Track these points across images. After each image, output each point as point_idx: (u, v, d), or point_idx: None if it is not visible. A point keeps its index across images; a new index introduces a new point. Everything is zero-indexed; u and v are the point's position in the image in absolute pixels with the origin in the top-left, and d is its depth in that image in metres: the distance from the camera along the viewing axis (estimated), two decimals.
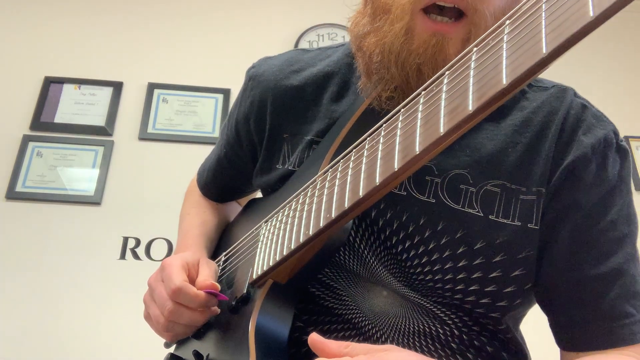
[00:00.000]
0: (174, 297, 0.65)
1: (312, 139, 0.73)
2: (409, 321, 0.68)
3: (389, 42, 0.61)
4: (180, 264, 0.69)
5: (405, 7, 0.59)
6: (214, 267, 0.73)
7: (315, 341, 0.48)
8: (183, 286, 0.65)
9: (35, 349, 1.85)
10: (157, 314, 0.69)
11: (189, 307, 0.66)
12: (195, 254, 0.74)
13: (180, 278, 0.66)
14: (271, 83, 0.78)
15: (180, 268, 0.68)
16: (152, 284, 0.70)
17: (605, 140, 0.66)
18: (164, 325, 0.68)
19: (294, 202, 0.66)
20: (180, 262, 0.69)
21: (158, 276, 0.70)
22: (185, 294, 0.65)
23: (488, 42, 0.44)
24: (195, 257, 0.73)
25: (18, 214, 2.07)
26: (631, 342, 0.61)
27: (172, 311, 0.66)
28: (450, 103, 0.46)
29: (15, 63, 2.37)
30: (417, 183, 0.66)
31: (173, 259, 0.70)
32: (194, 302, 0.66)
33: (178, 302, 0.66)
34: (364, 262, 0.68)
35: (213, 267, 0.73)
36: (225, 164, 0.90)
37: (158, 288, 0.68)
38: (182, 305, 0.66)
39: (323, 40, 2.55)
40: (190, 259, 0.72)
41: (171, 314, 0.66)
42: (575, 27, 0.36)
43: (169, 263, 0.69)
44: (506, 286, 0.65)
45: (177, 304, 0.66)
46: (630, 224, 0.65)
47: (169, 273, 0.67)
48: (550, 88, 0.70)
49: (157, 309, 0.68)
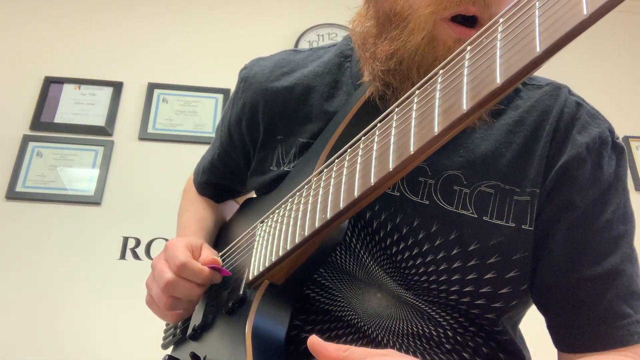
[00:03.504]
0: (178, 272, 0.66)
1: (306, 140, 0.73)
2: (403, 323, 0.68)
3: (410, 50, 0.60)
4: (184, 243, 0.70)
5: (427, 17, 0.58)
6: (215, 252, 0.74)
7: (314, 344, 0.48)
8: (188, 261, 0.66)
9: (35, 348, 1.86)
10: (158, 293, 0.69)
11: (194, 281, 0.67)
12: (197, 239, 0.75)
13: (184, 254, 0.67)
14: (262, 85, 0.78)
15: (184, 247, 0.69)
16: (155, 263, 0.71)
17: (600, 138, 0.65)
18: (165, 304, 0.68)
19: (289, 203, 0.65)
20: (184, 242, 0.70)
21: (161, 256, 0.71)
22: (189, 269, 0.66)
23: (482, 41, 0.44)
24: (198, 241, 0.74)
25: (18, 214, 2.08)
26: (629, 343, 0.60)
27: (170, 282, 0.66)
28: (444, 102, 0.45)
29: (15, 63, 2.37)
30: (410, 184, 0.65)
31: (176, 240, 0.71)
32: (199, 276, 0.67)
33: (182, 277, 0.66)
34: (360, 263, 0.67)
35: (214, 252, 0.74)
36: (219, 165, 0.90)
37: (159, 265, 0.69)
38: (182, 278, 0.67)
39: (323, 40, 2.55)
40: (193, 242, 0.72)
41: (168, 285, 0.66)
42: (569, 25, 0.35)
43: (172, 243, 0.70)
44: (501, 287, 0.64)
45: (179, 277, 0.66)
46: (627, 223, 0.65)
47: (172, 251, 0.68)
48: (544, 86, 0.70)
49: (158, 288, 0.68)
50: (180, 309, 0.70)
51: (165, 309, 0.69)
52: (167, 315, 0.72)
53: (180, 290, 0.67)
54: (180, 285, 0.67)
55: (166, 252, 0.69)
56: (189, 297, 0.68)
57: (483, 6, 0.57)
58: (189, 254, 0.68)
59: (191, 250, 0.70)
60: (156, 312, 0.74)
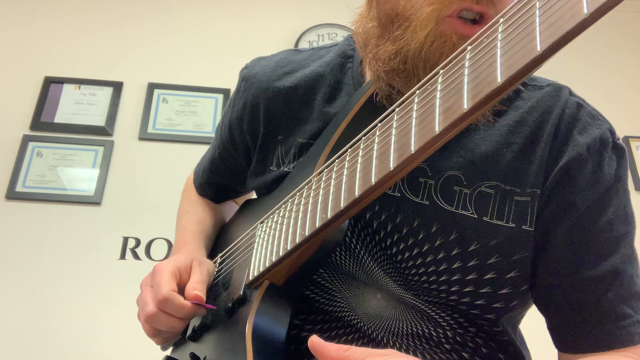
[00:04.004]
0: (160, 306, 0.65)
1: (306, 140, 0.73)
2: (403, 323, 0.68)
3: (414, 48, 0.60)
4: (170, 270, 0.68)
5: (429, 15, 0.58)
6: (206, 269, 0.72)
7: (315, 344, 0.48)
8: (170, 296, 0.65)
9: (35, 348, 1.85)
10: (142, 320, 0.69)
11: (177, 316, 0.66)
12: (188, 256, 0.73)
13: (168, 287, 0.65)
14: (263, 85, 0.78)
15: (170, 275, 0.67)
16: (142, 288, 0.70)
17: (601, 139, 0.65)
18: (148, 332, 0.69)
19: (289, 203, 0.65)
20: (170, 269, 0.68)
21: (148, 280, 0.70)
22: (172, 304, 0.65)
23: (482, 40, 0.44)
24: (188, 260, 0.72)
25: (18, 214, 2.08)
26: (629, 344, 0.60)
27: (151, 316, 0.66)
28: (445, 102, 0.45)
29: (15, 63, 2.37)
30: (410, 185, 0.65)
31: (164, 265, 0.69)
32: (181, 312, 0.66)
33: (163, 311, 0.66)
34: (360, 263, 0.67)
35: (206, 268, 0.73)
36: (219, 165, 0.89)
37: (144, 292, 0.68)
38: (164, 312, 0.66)
39: (323, 40, 2.55)
40: (182, 263, 0.71)
41: (149, 318, 0.66)
42: (570, 24, 0.35)
43: (159, 269, 0.68)
44: (501, 288, 0.64)
45: (160, 311, 0.66)
46: (628, 223, 0.65)
47: (158, 280, 0.67)
48: (545, 87, 0.69)
49: (142, 316, 0.68)
50: (163, 337, 0.71)
51: (149, 336, 0.71)
52: (153, 339, 0.73)
53: (162, 324, 0.67)
54: (162, 319, 0.66)
55: (153, 278, 0.69)
56: (170, 330, 0.68)
57: (487, 4, 0.57)
58: (174, 284, 0.67)
59: (179, 275, 0.69)
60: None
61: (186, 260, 0.72)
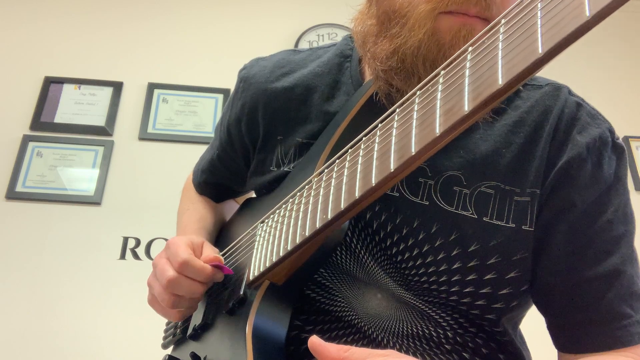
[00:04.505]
0: (180, 269, 0.66)
1: (306, 140, 0.73)
2: (403, 324, 0.68)
3: (412, 46, 0.60)
4: (185, 241, 0.69)
5: (427, 13, 0.58)
6: (216, 250, 0.73)
7: (315, 344, 0.48)
8: (190, 259, 0.66)
9: (35, 348, 1.85)
10: (160, 291, 0.68)
11: (196, 279, 0.67)
12: (199, 237, 0.75)
13: (186, 252, 0.67)
14: (262, 86, 0.78)
15: (185, 245, 0.69)
16: (156, 262, 0.70)
17: (600, 139, 0.65)
18: (168, 301, 0.68)
19: (289, 203, 0.65)
20: (185, 240, 0.70)
21: (162, 254, 0.70)
22: (192, 267, 0.66)
23: (484, 42, 0.44)
24: (200, 239, 0.74)
25: (18, 214, 2.08)
26: (629, 344, 0.60)
27: (172, 280, 0.66)
28: (445, 103, 0.45)
29: (15, 63, 2.37)
30: (410, 185, 0.65)
31: (178, 238, 0.70)
32: (201, 274, 0.66)
33: (184, 275, 0.66)
34: (361, 263, 0.67)
35: (216, 250, 0.74)
36: (218, 165, 0.89)
37: (160, 263, 0.68)
38: (184, 276, 0.66)
39: (323, 40, 2.55)
40: (195, 240, 0.72)
41: (170, 282, 0.66)
42: (572, 26, 0.35)
43: (174, 241, 0.69)
44: (501, 288, 0.64)
45: (181, 275, 0.66)
46: (627, 223, 0.65)
47: (174, 249, 0.68)
48: (544, 86, 0.69)
49: (160, 286, 0.68)
50: (183, 306, 0.70)
51: (168, 307, 0.69)
52: (170, 313, 0.72)
53: (183, 288, 0.67)
54: (183, 283, 0.66)
55: (168, 250, 0.69)
56: (192, 294, 0.68)
57: (484, 7, 0.57)
58: (190, 251, 0.68)
59: (193, 248, 0.70)
60: (159, 311, 0.74)
61: (198, 238, 0.73)
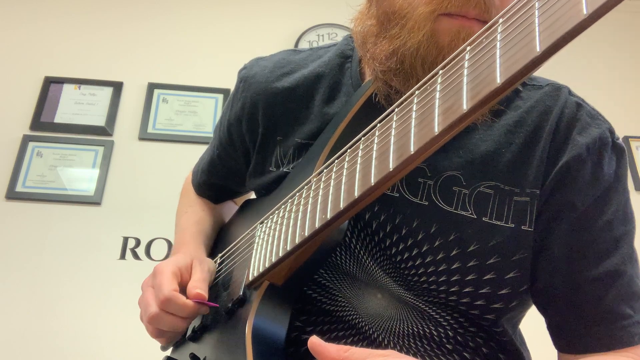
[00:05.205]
0: (163, 306, 0.66)
1: (305, 141, 0.73)
2: (404, 323, 0.67)
3: (411, 48, 0.59)
4: (171, 270, 0.69)
5: (427, 15, 0.58)
6: (207, 267, 0.73)
7: (314, 344, 0.48)
8: (172, 296, 0.65)
9: (35, 348, 1.85)
10: (145, 322, 0.69)
11: (180, 316, 0.67)
12: (187, 256, 0.74)
13: (169, 287, 0.66)
14: (262, 85, 0.78)
15: (171, 275, 0.68)
16: (143, 290, 0.71)
17: (600, 139, 0.65)
18: (152, 332, 0.69)
19: (289, 203, 0.65)
20: (171, 269, 0.69)
21: (149, 281, 0.70)
22: (174, 304, 0.65)
23: (482, 41, 0.44)
24: (188, 260, 0.73)
25: (18, 214, 2.08)
26: (629, 344, 0.60)
27: (154, 317, 0.66)
28: (444, 102, 0.45)
29: (15, 63, 2.37)
30: (409, 185, 0.65)
31: (165, 265, 0.70)
32: (184, 311, 0.66)
33: (166, 311, 0.66)
34: (360, 263, 0.67)
35: (206, 267, 0.73)
36: (218, 165, 0.89)
37: (146, 294, 0.69)
38: (166, 312, 0.66)
39: (323, 40, 2.55)
40: (183, 263, 0.71)
41: (152, 319, 0.66)
42: (569, 25, 0.35)
43: (160, 270, 0.69)
44: (501, 288, 0.64)
45: (163, 311, 0.66)
46: (627, 223, 0.65)
47: (159, 281, 0.67)
48: (544, 86, 0.69)
49: (145, 317, 0.68)
50: (167, 336, 0.71)
51: (153, 336, 0.71)
52: (157, 339, 0.74)
53: (165, 324, 0.67)
54: (165, 319, 0.66)
55: (154, 279, 0.69)
56: (174, 329, 0.68)
57: (484, 9, 0.57)
58: (175, 284, 0.67)
59: (180, 275, 0.70)
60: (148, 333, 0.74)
61: (186, 259, 0.72)
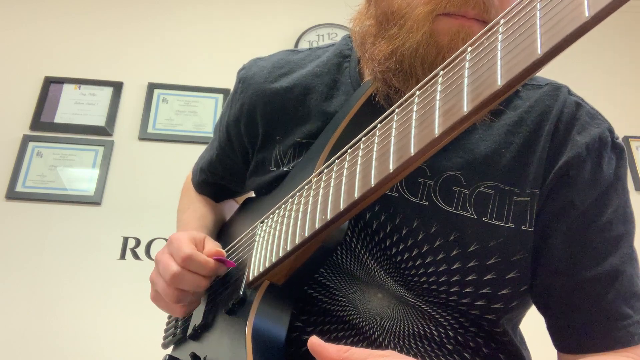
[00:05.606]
0: (184, 264, 0.66)
1: (305, 140, 0.73)
2: (404, 323, 0.68)
3: (410, 48, 0.59)
4: (187, 237, 0.70)
5: (425, 15, 0.58)
6: (218, 245, 0.74)
7: (314, 344, 0.48)
8: (193, 253, 0.66)
9: (35, 348, 1.85)
10: (164, 287, 0.69)
11: (199, 273, 0.67)
12: (200, 233, 0.75)
13: (189, 247, 0.67)
14: (260, 86, 0.78)
15: (188, 240, 0.69)
16: (159, 257, 0.70)
17: (600, 139, 0.65)
18: (172, 297, 0.68)
19: (289, 203, 0.65)
20: (187, 235, 0.70)
21: (165, 250, 0.71)
22: (195, 261, 0.66)
23: (482, 42, 0.44)
24: (201, 234, 0.74)
25: (18, 214, 2.08)
26: (629, 344, 0.60)
27: (176, 275, 0.66)
28: (445, 104, 0.45)
29: (15, 63, 2.37)
30: (410, 185, 0.65)
31: (180, 234, 0.71)
32: (204, 268, 0.67)
33: (187, 269, 0.67)
34: (361, 263, 0.67)
35: (217, 244, 0.74)
36: (217, 165, 0.89)
37: (163, 258, 0.69)
38: (188, 271, 0.67)
39: (323, 40, 2.55)
40: (196, 235, 0.72)
41: (174, 277, 0.66)
42: (571, 27, 0.35)
43: (176, 237, 0.70)
44: (501, 288, 0.64)
45: (184, 269, 0.66)
46: (627, 223, 0.65)
47: (177, 245, 0.68)
48: (544, 86, 0.69)
49: (164, 281, 0.68)
50: (187, 301, 0.70)
51: (173, 302, 0.69)
52: (174, 309, 0.72)
53: (187, 283, 0.67)
54: (186, 277, 0.67)
55: (170, 245, 0.70)
56: (196, 289, 0.68)
57: (483, 9, 0.57)
58: (193, 246, 0.68)
59: (195, 243, 0.70)
60: (163, 307, 0.74)
61: (199, 234, 0.74)
